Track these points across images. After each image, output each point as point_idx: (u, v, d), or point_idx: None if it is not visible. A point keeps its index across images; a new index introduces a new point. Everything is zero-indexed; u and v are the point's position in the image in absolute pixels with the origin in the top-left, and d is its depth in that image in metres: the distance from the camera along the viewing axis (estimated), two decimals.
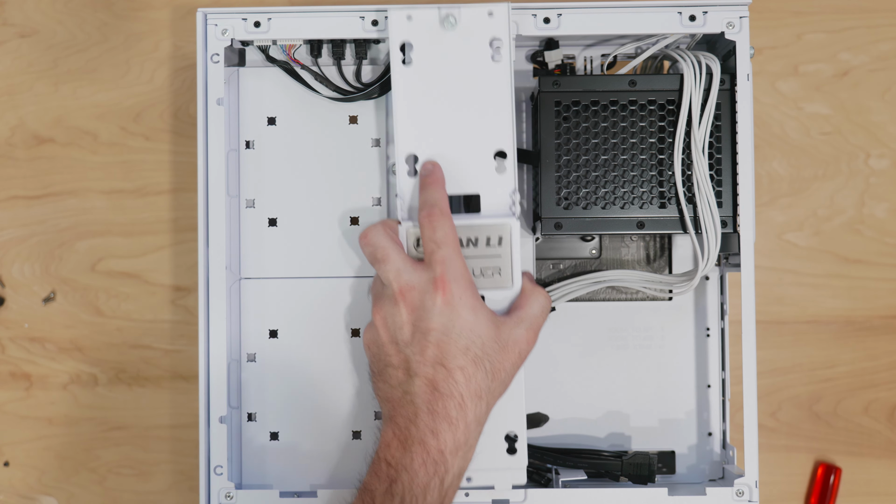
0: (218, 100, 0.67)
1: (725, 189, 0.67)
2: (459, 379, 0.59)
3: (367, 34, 0.67)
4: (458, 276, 0.61)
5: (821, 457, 0.79)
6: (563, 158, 0.68)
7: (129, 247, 0.80)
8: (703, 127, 0.66)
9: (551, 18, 0.67)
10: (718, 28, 0.66)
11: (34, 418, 0.80)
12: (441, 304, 0.60)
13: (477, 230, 0.65)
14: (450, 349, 0.60)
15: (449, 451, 0.59)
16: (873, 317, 0.80)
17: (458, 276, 0.61)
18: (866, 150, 0.80)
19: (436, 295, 0.60)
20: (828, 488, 0.78)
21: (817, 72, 0.80)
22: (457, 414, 0.59)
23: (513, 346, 0.62)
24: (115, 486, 0.80)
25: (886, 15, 0.80)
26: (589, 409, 0.73)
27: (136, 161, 0.81)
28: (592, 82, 0.68)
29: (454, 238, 0.62)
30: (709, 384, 0.73)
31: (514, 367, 0.62)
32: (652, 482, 0.68)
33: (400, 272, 0.62)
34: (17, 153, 0.81)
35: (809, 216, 0.80)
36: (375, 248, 0.63)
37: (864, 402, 0.80)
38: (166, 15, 0.81)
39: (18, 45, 0.81)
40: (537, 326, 0.64)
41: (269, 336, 0.70)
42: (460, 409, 0.59)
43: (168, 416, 0.80)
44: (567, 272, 0.74)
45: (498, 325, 0.62)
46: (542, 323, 0.65)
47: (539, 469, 0.71)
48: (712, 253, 0.67)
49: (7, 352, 0.81)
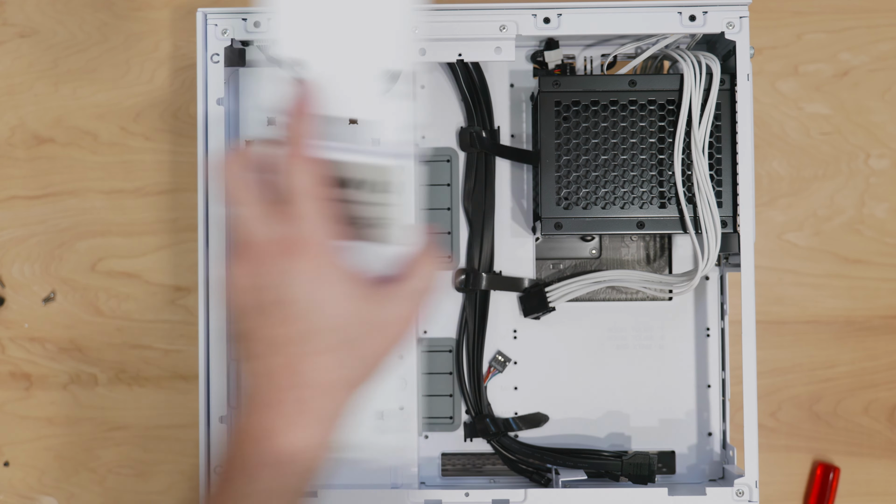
0: (218, 100, 0.67)
1: (725, 189, 0.67)
2: (322, 365, 0.50)
3: None
4: (319, 236, 0.50)
5: (821, 457, 0.79)
6: (563, 158, 0.68)
7: (129, 247, 0.80)
8: (703, 127, 0.66)
9: (551, 18, 0.67)
10: (718, 28, 0.66)
11: (34, 418, 0.80)
12: (299, 271, 0.49)
13: (360, 170, 0.53)
14: (311, 328, 0.49)
15: (300, 448, 0.50)
16: (873, 317, 0.80)
17: (319, 236, 0.50)
18: (866, 150, 0.80)
19: (293, 259, 0.49)
20: (827, 488, 0.78)
21: (817, 72, 0.80)
22: (316, 405, 0.50)
23: (384, 328, 0.51)
24: (115, 486, 0.80)
25: (886, 15, 0.80)
26: (589, 409, 0.73)
27: (136, 161, 0.81)
28: (592, 82, 0.68)
29: (317, 185, 0.51)
30: (709, 384, 0.73)
31: (385, 352, 0.52)
32: (652, 482, 0.68)
33: (252, 221, 0.50)
34: (17, 153, 0.81)
35: (809, 216, 0.80)
36: (229, 185, 0.51)
37: (864, 402, 0.80)
38: (166, 15, 0.81)
39: (18, 45, 0.81)
40: (417, 304, 0.52)
41: None
42: (320, 400, 0.50)
43: (168, 416, 0.80)
44: (567, 272, 0.74)
45: (368, 301, 0.50)
46: (426, 298, 0.52)
47: (539, 469, 0.71)
48: (712, 253, 0.67)
49: (7, 352, 0.81)
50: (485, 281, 0.72)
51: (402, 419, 0.69)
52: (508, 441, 0.72)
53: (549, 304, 0.71)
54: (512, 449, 0.71)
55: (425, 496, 0.67)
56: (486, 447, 0.73)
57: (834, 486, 0.78)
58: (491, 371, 0.73)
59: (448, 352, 0.73)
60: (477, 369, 0.72)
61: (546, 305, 0.71)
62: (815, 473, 0.79)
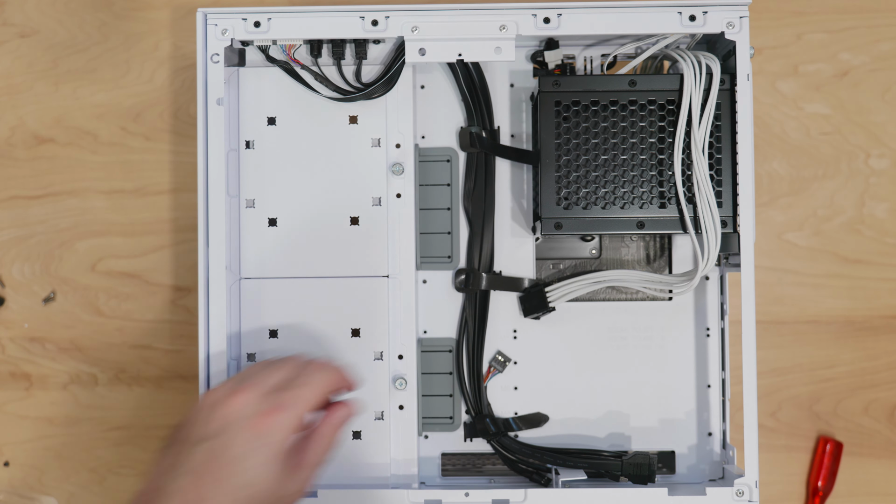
0: (218, 100, 0.67)
1: (725, 189, 0.67)
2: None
3: (367, 34, 0.67)
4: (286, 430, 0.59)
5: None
6: (563, 158, 0.68)
7: (129, 247, 0.80)
8: (703, 127, 0.66)
9: (551, 18, 0.67)
10: (718, 28, 0.66)
11: (34, 418, 0.80)
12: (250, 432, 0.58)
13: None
14: (229, 481, 0.56)
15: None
16: (873, 317, 0.80)
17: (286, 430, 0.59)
18: (866, 150, 0.80)
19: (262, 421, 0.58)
20: (825, 459, 0.78)
21: (817, 72, 0.80)
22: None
23: (287, 498, 0.59)
24: (115, 486, 0.80)
25: (886, 15, 0.80)
26: (589, 409, 0.73)
27: (136, 161, 0.81)
28: (592, 82, 0.68)
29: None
30: (709, 384, 0.73)
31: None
32: (652, 482, 0.68)
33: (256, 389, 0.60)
34: (17, 153, 0.81)
35: (809, 216, 0.80)
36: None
37: (864, 402, 0.80)
38: (166, 15, 0.81)
39: (18, 45, 0.81)
40: (313, 474, 0.61)
41: (269, 336, 0.70)
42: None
43: (168, 416, 0.80)
44: (567, 272, 0.74)
45: (285, 479, 0.58)
46: (321, 469, 0.62)
47: (539, 469, 0.71)
48: (712, 253, 0.67)
49: (7, 352, 0.81)
50: (485, 281, 0.72)
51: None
52: (508, 441, 0.72)
53: (549, 304, 0.71)
54: (512, 449, 0.71)
55: (425, 496, 0.67)
56: (486, 447, 0.73)
57: (838, 459, 0.78)
58: (491, 371, 0.73)
59: (448, 352, 0.73)
60: (477, 369, 0.72)
61: (546, 305, 0.71)
62: (817, 449, 0.79)
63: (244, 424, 0.58)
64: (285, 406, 0.59)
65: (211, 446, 0.57)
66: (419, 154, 0.72)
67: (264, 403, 0.59)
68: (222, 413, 0.59)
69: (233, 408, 0.59)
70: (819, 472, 0.78)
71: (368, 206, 0.70)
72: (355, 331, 0.70)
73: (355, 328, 0.70)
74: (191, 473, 0.56)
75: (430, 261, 0.73)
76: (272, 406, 0.59)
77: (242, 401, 0.59)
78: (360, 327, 0.70)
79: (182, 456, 0.57)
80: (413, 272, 0.70)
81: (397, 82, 0.70)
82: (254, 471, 0.57)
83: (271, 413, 0.58)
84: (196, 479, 0.56)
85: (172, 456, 0.58)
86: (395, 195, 0.70)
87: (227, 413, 0.58)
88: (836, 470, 0.78)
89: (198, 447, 0.57)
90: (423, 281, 0.73)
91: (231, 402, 0.59)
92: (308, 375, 0.61)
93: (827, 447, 0.78)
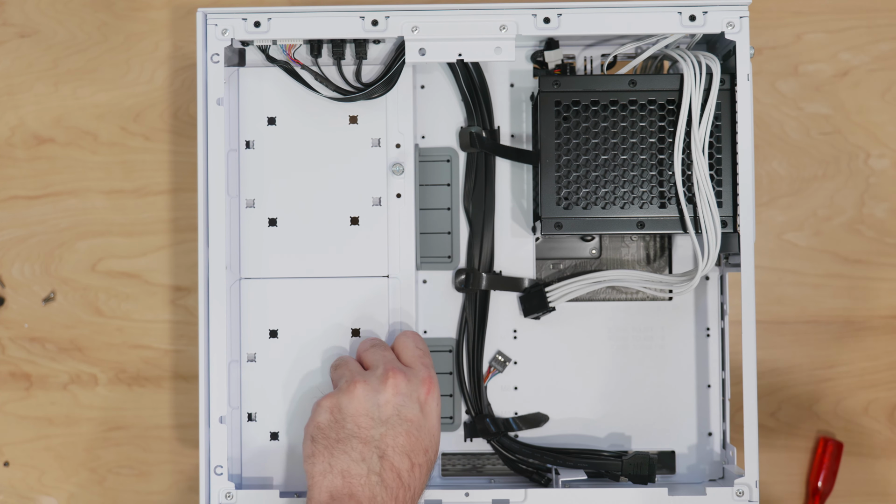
0: (218, 100, 0.67)
1: (725, 189, 0.67)
2: (417, 475, 0.63)
3: (367, 34, 0.67)
4: (437, 385, 0.66)
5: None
6: (563, 158, 0.68)
7: (129, 247, 0.80)
8: (703, 127, 0.66)
9: (551, 18, 0.67)
10: (718, 28, 0.66)
11: (34, 418, 0.80)
12: (424, 401, 0.65)
13: None
14: (418, 445, 0.63)
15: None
16: (873, 317, 0.80)
17: (437, 385, 0.66)
18: (866, 150, 0.80)
19: (422, 390, 0.65)
20: (825, 459, 0.78)
21: (817, 72, 0.80)
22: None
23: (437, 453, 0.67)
24: (115, 486, 0.80)
25: (886, 15, 0.80)
26: (589, 409, 0.73)
27: (136, 161, 0.81)
28: (592, 82, 0.68)
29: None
30: (709, 384, 0.73)
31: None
32: (652, 482, 0.68)
33: (392, 361, 0.66)
34: (17, 153, 0.81)
35: (809, 216, 0.80)
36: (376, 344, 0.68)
37: (864, 402, 0.80)
38: (166, 15, 0.81)
39: (18, 45, 0.81)
40: (429, 370, 0.67)
41: (269, 336, 0.70)
42: (412, 502, 0.64)
43: (168, 416, 0.80)
44: (567, 272, 0.74)
45: (438, 436, 0.66)
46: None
47: (539, 469, 0.71)
48: (712, 253, 0.67)
49: (7, 352, 0.81)
50: (485, 281, 0.72)
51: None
52: (508, 441, 0.72)
53: (550, 304, 0.71)
54: (512, 449, 0.71)
55: (425, 496, 0.67)
56: (486, 447, 0.73)
57: (837, 458, 0.78)
58: (491, 371, 0.73)
59: (448, 352, 0.73)
60: (477, 369, 0.72)
61: (546, 305, 0.71)
62: (817, 450, 0.79)
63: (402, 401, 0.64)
64: (398, 371, 0.65)
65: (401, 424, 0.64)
66: (419, 154, 0.72)
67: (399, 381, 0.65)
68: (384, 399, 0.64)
69: (386, 395, 0.64)
70: (819, 472, 0.78)
71: (368, 206, 0.70)
72: (355, 331, 0.70)
73: (355, 328, 0.70)
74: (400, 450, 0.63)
75: (430, 261, 0.73)
76: (400, 378, 0.65)
77: (363, 390, 0.64)
78: (360, 327, 0.70)
79: (374, 443, 0.63)
80: (413, 272, 0.70)
81: (397, 82, 0.70)
82: (431, 422, 0.65)
83: (396, 379, 0.64)
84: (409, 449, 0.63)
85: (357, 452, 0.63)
86: (395, 195, 0.70)
87: (379, 401, 0.64)
88: (836, 470, 0.78)
89: (394, 429, 0.63)
90: (423, 281, 0.73)
91: (385, 390, 0.64)
92: (384, 348, 0.68)
93: (827, 447, 0.78)
